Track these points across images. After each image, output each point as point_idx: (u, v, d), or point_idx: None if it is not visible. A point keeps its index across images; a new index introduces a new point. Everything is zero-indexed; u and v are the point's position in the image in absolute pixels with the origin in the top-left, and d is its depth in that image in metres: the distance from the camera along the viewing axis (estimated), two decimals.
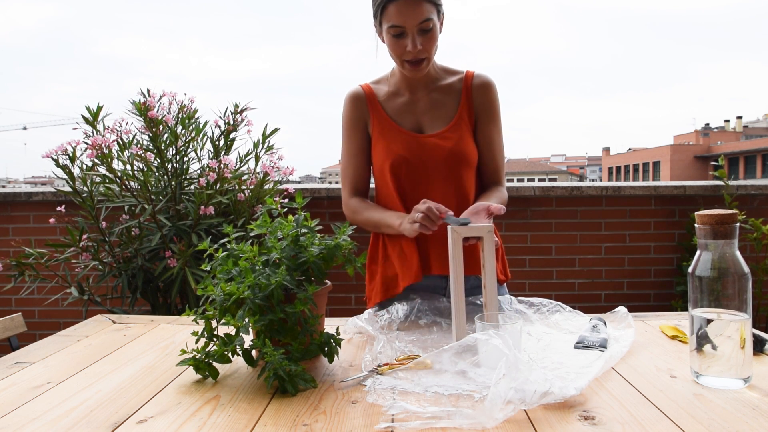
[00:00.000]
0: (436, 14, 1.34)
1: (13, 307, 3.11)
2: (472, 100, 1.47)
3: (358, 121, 1.50)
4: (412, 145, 1.43)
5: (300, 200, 1.17)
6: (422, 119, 1.46)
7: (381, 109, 1.48)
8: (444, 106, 1.46)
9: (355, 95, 1.50)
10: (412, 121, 1.46)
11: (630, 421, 0.83)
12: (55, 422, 0.86)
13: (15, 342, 1.61)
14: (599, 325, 1.25)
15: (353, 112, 1.50)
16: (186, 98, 2.46)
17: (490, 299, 1.22)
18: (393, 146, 1.44)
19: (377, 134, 1.47)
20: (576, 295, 3.15)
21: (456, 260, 1.18)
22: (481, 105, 1.47)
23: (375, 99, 1.49)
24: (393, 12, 1.31)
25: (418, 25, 1.31)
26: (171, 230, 2.39)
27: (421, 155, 1.43)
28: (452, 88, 1.48)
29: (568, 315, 1.37)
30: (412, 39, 1.33)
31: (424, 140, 1.43)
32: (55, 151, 2.31)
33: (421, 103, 1.47)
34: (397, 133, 1.45)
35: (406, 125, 1.46)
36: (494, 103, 1.48)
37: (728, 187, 3.05)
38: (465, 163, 1.44)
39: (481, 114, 1.48)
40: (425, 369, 1.03)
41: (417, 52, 1.34)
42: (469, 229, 1.20)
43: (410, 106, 1.47)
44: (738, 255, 0.94)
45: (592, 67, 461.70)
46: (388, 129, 1.46)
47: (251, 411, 0.89)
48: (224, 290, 1.02)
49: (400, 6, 1.30)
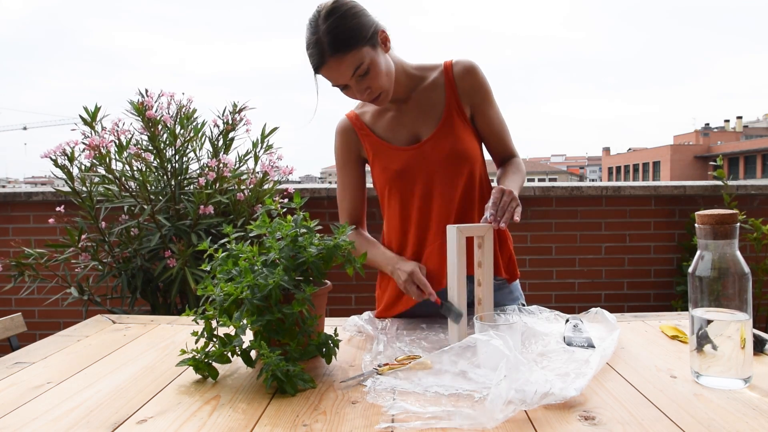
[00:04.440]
0: (367, 50, 1.28)
1: (13, 307, 3.11)
2: (458, 88, 1.42)
3: (350, 153, 1.50)
4: (408, 157, 1.42)
5: (298, 200, 1.16)
6: (414, 127, 1.44)
7: (371, 132, 1.46)
8: (432, 104, 1.43)
9: (342, 128, 1.49)
10: (405, 133, 1.44)
11: (630, 421, 0.83)
12: (55, 422, 0.86)
13: (15, 342, 1.61)
14: (579, 324, 1.25)
15: (343, 145, 1.50)
16: (184, 98, 2.46)
17: (486, 297, 1.22)
18: (390, 166, 1.43)
19: (372, 158, 1.46)
20: (576, 295, 3.15)
21: (459, 260, 1.18)
22: (469, 90, 1.43)
23: (363, 125, 1.47)
24: (325, 76, 1.30)
25: (353, 77, 1.28)
26: (170, 230, 2.39)
27: (420, 163, 1.41)
28: (435, 85, 1.43)
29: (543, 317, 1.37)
30: (357, 89, 1.31)
31: (420, 148, 1.41)
32: (53, 152, 2.31)
33: (409, 112, 1.44)
34: (392, 151, 1.43)
35: (401, 140, 1.44)
36: (482, 83, 1.43)
37: (728, 187, 3.05)
38: (465, 159, 1.41)
39: (473, 98, 1.44)
40: (425, 369, 1.03)
41: (366, 95, 1.32)
42: (470, 229, 1.20)
43: (399, 118, 1.44)
44: (738, 255, 0.94)
45: (593, 66, 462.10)
46: (382, 150, 1.44)
47: (251, 411, 0.89)
48: (224, 290, 1.02)
49: (326, 72, 1.28)
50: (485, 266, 1.22)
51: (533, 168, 62.66)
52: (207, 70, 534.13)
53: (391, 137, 1.44)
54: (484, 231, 1.22)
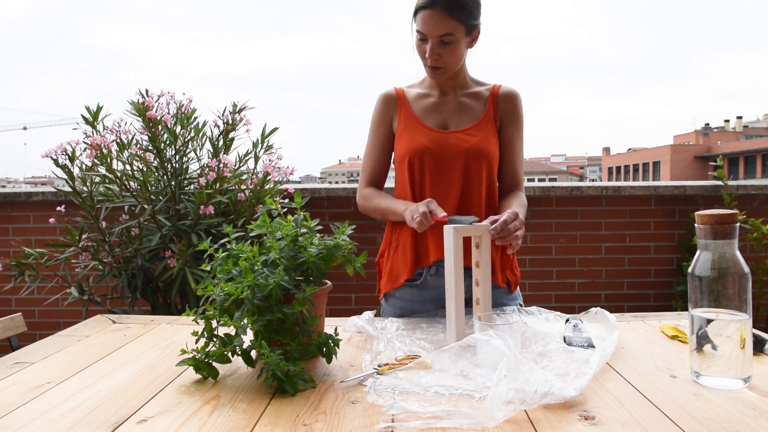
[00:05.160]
0: (463, 31, 1.40)
1: (13, 307, 3.11)
2: (498, 106, 1.54)
3: (385, 117, 1.58)
4: (435, 138, 1.49)
5: (299, 200, 1.17)
6: (448, 118, 1.53)
7: (409, 108, 1.56)
8: (470, 109, 1.54)
9: (386, 95, 1.59)
10: (438, 119, 1.53)
11: (630, 421, 0.83)
12: (55, 422, 0.86)
13: (15, 342, 1.61)
14: (579, 324, 1.25)
15: (381, 109, 1.59)
16: (184, 98, 2.46)
17: (484, 297, 1.22)
18: (416, 138, 1.50)
19: (402, 129, 1.54)
20: (576, 295, 3.15)
21: (456, 260, 1.18)
22: (505, 112, 1.55)
23: (404, 99, 1.57)
24: (420, 19, 1.40)
25: (439, 37, 1.39)
26: (171, 230, 2.39)
27: (443, 147, 1.48)
28: (480, 95, 1.56)
29: (542, 318, 1.37)
30: (431, 47, 1.41)
31: (447, 135, 1.50)
32: (54, 151, 2.31)
33: (449, 105, 1.54)
34: (421, 128, 1.51)
35: (431, 122, 1.52)
36: (518, 111, 1.56)
37: (728, 187, 3.05)
38: (485, 157, 1.49)
39: (505, 119, 1.55)
40: (425, 369, 1.03)
41: (433, 59, 1.42)
42: (466, 229, 1.20)
43: (438, 106, 1.54)
44: (738, 255, 0.94)
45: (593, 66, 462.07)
46: (413, 124, 1.53)
47: (251, 411, 0.89)
48: (224, 290, 1.02)
49: (425, 16, 1.39)
50: (483, 266, 1.22)
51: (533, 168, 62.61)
52: (207, 70, 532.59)
53: (424, 117, 1.53)
54: (481, 231, 1.22)
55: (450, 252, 1.19)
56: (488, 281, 1.23)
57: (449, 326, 1.22)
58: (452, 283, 1.20)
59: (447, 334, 1.25)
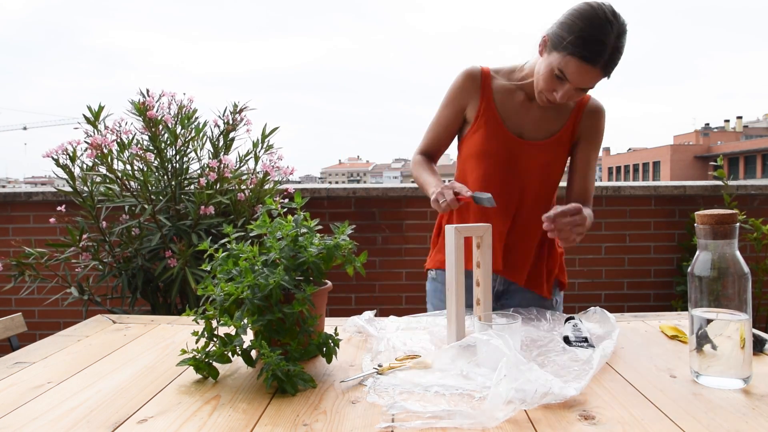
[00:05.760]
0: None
1: (13, 307, 3.11)
2: (580, 121, 1.50)
3: (460, 98, 1.51)
4: (509, 147, 1.46)
5: (299, 200, 1.17)
6: (526, 125, 1.48)
7: (491, 99, 1.48)
8: (552, 121, 1.48)
9: (471, 73, 1.49)
10: (516, 123, 1.48)
11: (630, 421, 0.83)
12: (55, 422, 0.86)
13: (15, 342, 1.61)
14: (579, 324, 1.25)
15: (460, 87, 1.50)
16: (185, 98, 2.47)
17: (484, 297, 1.22)
18: (491, 142, 1.46)
19: (479, 122, 1.48)
20: (576, 295, 3.15)
21: (457, 259, 1.18)
22: (587, 128, 1.50)
23: (489, 87, 1.48)
24: (572, 64, 1.28)
25: (582, 87, 1.32)
26: (171, 230, 2.39)
27: (515, 159, 1.47)
28: (566, 106, 1.49)
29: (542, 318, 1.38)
30: (567, 91, 1.33)
31: (522, 145, 1.46)
32: (55, 151, 2.31)
33: (532, 112, 1.48)
34: (499, 130, 1.46)
35: (509, 125, 1.47)
36: (600, 129, 1.52)
37: (728, 187, 3.05)
38: (549, 182, 1.50)
39: (585, 136, 1.51)
40: (425, 369, 1.03)
41: (563, 98, 1.35)
42: (467, 229, 1.20)
43: (521, 108, 1.48)
44: (738, 255, 0.94)
45: None
46: (492, 122, 1.47)
47: (251, 411, 0.89)
48: (224, 290, 1.02)
49: (580, 68, 1.28)
50: (484, 266, 1.22)
51: None
52: (207, 70, 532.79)
53: (505, 118, 1.47)
54: (482, 231, 1.22)
55: (451, 252, 1.19)
56: (489, 281, 1.23)
57: (449, 326, 1.22)
58: (452, 283, 1.20)
59: (447, 334, 1.25)
